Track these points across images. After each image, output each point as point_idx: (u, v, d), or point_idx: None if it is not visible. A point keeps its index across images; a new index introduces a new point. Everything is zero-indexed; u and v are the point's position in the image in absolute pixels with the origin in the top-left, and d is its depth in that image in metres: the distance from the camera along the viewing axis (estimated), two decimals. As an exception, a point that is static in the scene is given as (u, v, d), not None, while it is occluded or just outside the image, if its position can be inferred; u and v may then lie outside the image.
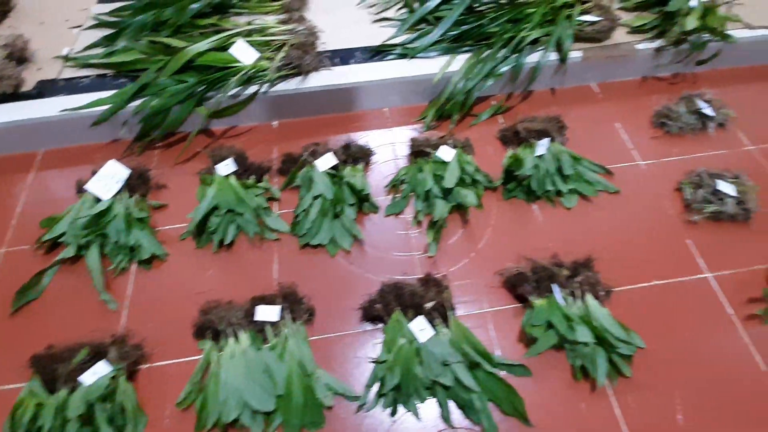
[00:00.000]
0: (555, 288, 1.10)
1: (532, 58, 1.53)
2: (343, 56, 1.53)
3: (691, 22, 1.48)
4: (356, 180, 1.26)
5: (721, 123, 1.52)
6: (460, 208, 1.29)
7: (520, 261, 1.19)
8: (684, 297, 1.18)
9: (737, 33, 1.60)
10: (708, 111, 1.49)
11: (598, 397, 1.03)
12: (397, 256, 1.25)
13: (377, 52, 1.54)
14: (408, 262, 1.23)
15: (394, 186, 1.34)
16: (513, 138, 1.44)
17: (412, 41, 1.55)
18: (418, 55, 1.52)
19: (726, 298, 1.17)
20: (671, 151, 1.48)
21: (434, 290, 1.07)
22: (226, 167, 1.29)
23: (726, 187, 1.30)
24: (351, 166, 1.33)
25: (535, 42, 1.52)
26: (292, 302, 1.08)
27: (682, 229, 1.29)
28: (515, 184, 1.33)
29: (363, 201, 1.29)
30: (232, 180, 1.28)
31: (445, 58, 1.51)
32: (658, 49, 1.56)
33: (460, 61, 1.51)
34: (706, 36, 1.55)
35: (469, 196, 1.24)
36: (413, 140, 1.40)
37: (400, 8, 1.68)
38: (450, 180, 1.24)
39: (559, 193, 1.34)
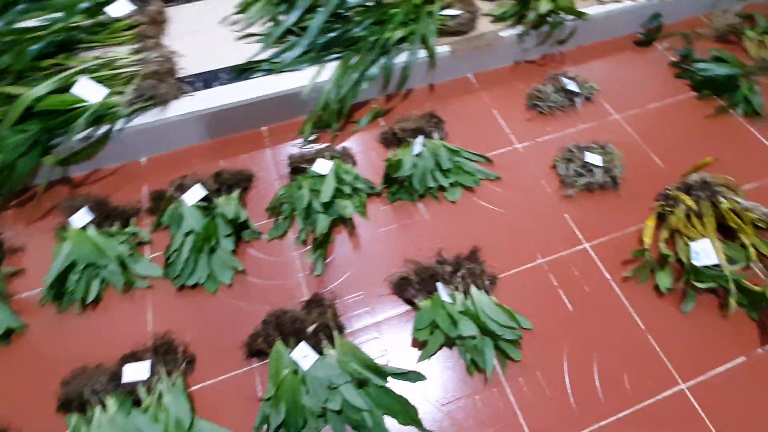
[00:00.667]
0: (439, 286, 1.11)
1: (402, 57, 1.55)
2: (207, 79, 1.47)
3: (544, 5, 1.56)
4: (229, 209, 1.21)
5: (588, 97, 1.61)
6: (343, 221, 1.28)
7: (406, 264, 1.19)
8: (566, 270, 1.23)
9: (591, 9, 1.71)
10: (573, 87, 1.58)
11: (492, 387, 1.05)
12: (284, 282, 1.21)
13: (243, 71, 1.49)
14: (295, 286, 1.20)
15: (274, 208, 1.30)
16: (393, 139, 1.45)
17: (279, 55, 1.52)
18: (287, 68, 1.49)
19: (603, 265, 1.24)
20: (545, 130, 1.55)
21: (316, 312, 1.05)
22: (81, 218, 1.19)
23: (593, 159, 1.38)
24: (225, 195, 1.27)
25: (402, 41, 1.55)
26: (166, 353, 1.01)
27: (559, 204, 1.36)
28: (397, 186, 1.34)
29: (241, 229, 1.24)
30: (91, 231, 1.19)
31: (315, 69, 1.50)
32: (521, 35, 1.63)
33: (330, 69, 1.50)
34: (562, 16, 1.65)
35: (348, 207, 1.23)
36: (290, 157, 1.37)
37: (265, 22, 1.64)
38: (326, 193, 1.22)
39: (442, 188, 1.36)
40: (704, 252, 1.18)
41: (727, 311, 1.11)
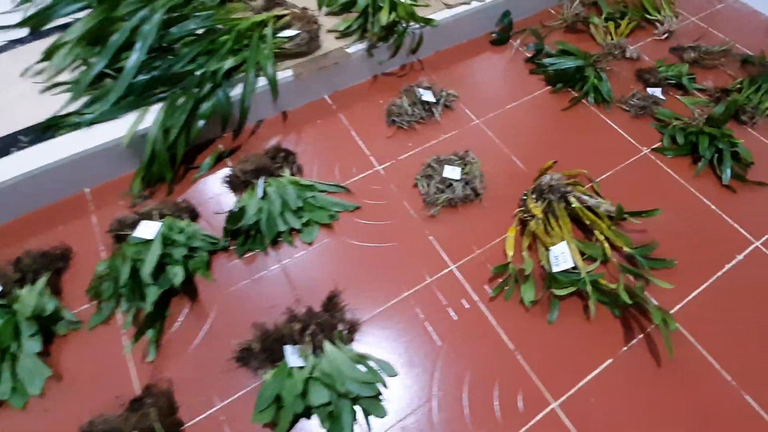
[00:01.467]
0: (287, 350, 1.01)
1: (240, 88, 1.43)
2: (3, 146, 1.27)
3: (385, 17, 1.52)
4: (29, 302, 1.03)
5: (448, 105, 1.59)
6: (183, 289, 1.14)
7: (253, 329, 1.07)
8: (433, 299, 1.17)
9: (439, 15, 1.70)
10: (429, 97, 1.55)
11: (357, 455, 0.96)
12: (111, 378, 1.04)
13: (47, 129, 1.30)
14: (125, 381, 1.04)
15: (94, 289, 1.13)
16: (239, 183, 1.33)
17: (91, 104, 1.35)
18: (103, 118, 1.32)
19: (471, 285, 1.20)
20: (406, 146, 1.50)
21: (138, 414, 0.90)
22: None
23: (451, 173, 1.35)
24: (29, 285, 1.09)
25: (237, 70, 1.43)
26: None
27: (424, 226, 1.30)
28: (243, 236, 1.22)
29: (54, 322, 1.06)
30: None
31: (137, 114, 1.34)
32: (369, 48, 1.58)
33: (156, 112, 1.34)
34: (408, 25, 1.61)
35: (177, 274, 1.09)
36: (110, 224, 1.20)
37: (77, 68, 1.45)
38: (149, 263, 1.07)
39: (297, 229, 1.26)
40: (562, 256, 1.17)
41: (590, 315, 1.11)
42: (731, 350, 1.09)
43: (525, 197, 1.29)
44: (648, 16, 1.90)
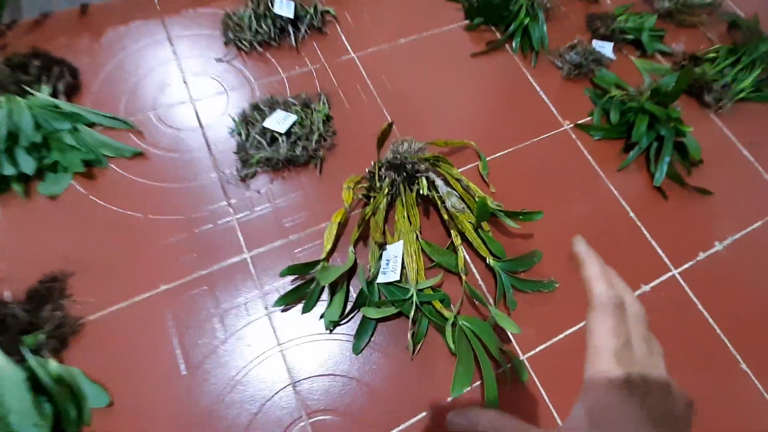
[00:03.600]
0: (-75, 360, 0.72)
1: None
2: None
3: None
4: None
5: (317, 26, 1.22)
6: None
7: None
8: (204, 299, 0.88)
9: None
10: (285, 11, 1.17)
11: None
12: None
13: None
14: None
15: None
16: (-35, 97, 0.98)
17: None
18: None
19: (266, 286, 0.91)
20: (241, 76, 1.14)
21: None
22: None
23: (276, 123, 1.01)
24: None
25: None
26: None
27: (226, 194, 0.99)
28: (-58, 177, 0.89)
29: None
30: None
31: None
32: (212, -74, 1.17)
33: None
34: None
35: None
36: None
37: None
38: None
39: (39, 174, 0.93)
40: (394, 261, 0.88)
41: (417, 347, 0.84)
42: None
43: (372, 171, 0.98)
44: (627, -57, 1.51)
